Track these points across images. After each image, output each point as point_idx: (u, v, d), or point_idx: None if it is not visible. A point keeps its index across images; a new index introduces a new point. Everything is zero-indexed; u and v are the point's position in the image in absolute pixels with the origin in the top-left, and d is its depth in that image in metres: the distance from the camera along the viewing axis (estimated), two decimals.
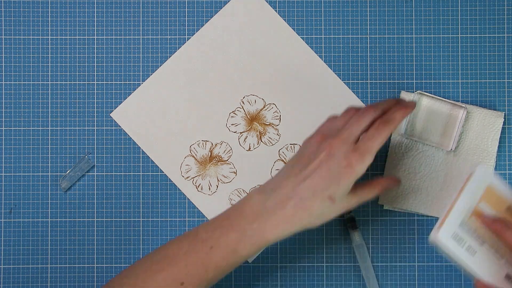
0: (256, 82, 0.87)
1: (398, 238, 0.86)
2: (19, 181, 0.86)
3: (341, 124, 0.73)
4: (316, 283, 0.86)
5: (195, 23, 0.88)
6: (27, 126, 0.87)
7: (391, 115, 0.72)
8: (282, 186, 0.71)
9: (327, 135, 0.72)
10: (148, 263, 0.73)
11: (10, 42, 0.87)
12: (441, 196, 0.85)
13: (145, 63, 0.87)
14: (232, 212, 0.72)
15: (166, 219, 0.86)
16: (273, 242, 0.70)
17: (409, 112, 0.73)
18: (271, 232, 0.70)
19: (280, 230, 0.70)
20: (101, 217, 0.86)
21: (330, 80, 0.87)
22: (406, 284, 0.86)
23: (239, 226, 0.70)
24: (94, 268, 0.86)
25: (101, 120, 0.87)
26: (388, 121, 0.71)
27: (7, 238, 0.86)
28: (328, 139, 0.71)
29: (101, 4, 0.88)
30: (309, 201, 0.69)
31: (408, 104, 0.74)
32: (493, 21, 0.87)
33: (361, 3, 0.87)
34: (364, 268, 0.85)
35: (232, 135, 0.87)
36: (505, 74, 0.87)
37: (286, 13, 0.88)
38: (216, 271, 0.71)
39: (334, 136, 0.71)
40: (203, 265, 0.70)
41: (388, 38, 0.87)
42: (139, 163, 0.87)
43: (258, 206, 0.71)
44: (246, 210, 0.71)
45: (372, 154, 0.70)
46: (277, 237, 0.70)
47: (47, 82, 0.87)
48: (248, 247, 0.70)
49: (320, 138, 0.72)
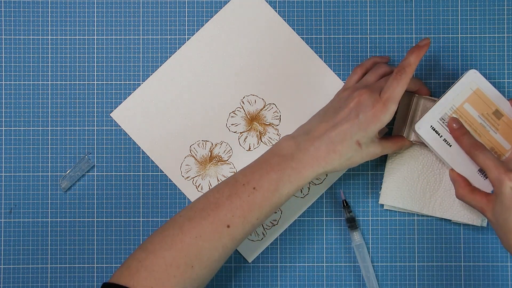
0: (256, 82, 0.87)
1: (398, 238, 0.86)
2: (19, 181, 0.86)
3: (371, 80, 0.80)
4: (316, 283, 0.86)
5: (195, 23, 0.88)
6: (27, 126, 0.87)
7: (406, 61, 0.76)
8: (315, 130, 0.77)
9: (357, 87, 0.79)
10: (190, 212, 0.74)
11: (10, 42, 0.87)
12: (441, 196, 0.85)
13: (145, 63, 0.87)
14: (269, 155, 0.77)
15: (166, 219, 0.86)
16: (309, 180, 0.75)
17: (423, 52, 0.77)
18: (307, 170, 0.75)
19: (315, 168, 0.75)
20: (101, 217, 0.86)
21: (330, 80, 0.87)
22: (406, 284, 0.86)
23: (278, 166, 0.75)
24: (94, 268, 0.86)
25: (101, 120, 0.87)
26: (404, 67, 0.76)
27: (7, 238, 0.86)
28: (358, 90, 0.77)
29: (101, 4, 0.88)
30: (340, 144, 0.75)
31: (421, 43, 0.77)
32: (493, 21, 0.87)
33: (361, 3, 0.87)
34: (364, 268, 0.85)
35: (232, 135, 0.87)
36: (505, 74, 0.87)
37: (286, 13, 0.88)
38: (259, 212, 0.74)
39: (363, 87, 0.78)
40: (247, 206, 0.73)
41: (388, 38, 0.87)
42: (139, 163, 0.87)
43: (293, 148, 0.76)
44: (282, 152, 0.76)
45: (395, 102, 0.75)
46: (313, 175, 0.75)
47: (47, 82, 0.87)
48: (288, 185, 0.74)
49: (351, 89, 0.79)
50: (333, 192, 0.87)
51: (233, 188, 0.74)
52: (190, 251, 0.72)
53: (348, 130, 0.75)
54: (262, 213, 0.74)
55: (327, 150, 0.75)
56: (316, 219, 0.86)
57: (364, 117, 0.75)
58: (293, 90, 0.87)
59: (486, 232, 0.86)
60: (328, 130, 0.76)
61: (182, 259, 0.72)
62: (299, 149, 0.76)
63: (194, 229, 0.73)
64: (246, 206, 0.74)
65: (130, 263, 0.72)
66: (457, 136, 0.79)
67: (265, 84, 0.87)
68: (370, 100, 0.75)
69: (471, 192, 0.78)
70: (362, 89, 0.77)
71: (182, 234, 0.72)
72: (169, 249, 0.72)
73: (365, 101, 0.75)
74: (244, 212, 0.73)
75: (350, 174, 0.87)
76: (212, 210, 0.73)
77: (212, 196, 0.75)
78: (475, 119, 0.79)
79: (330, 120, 0.77)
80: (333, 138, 0.75)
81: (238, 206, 0.73)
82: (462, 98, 0.80)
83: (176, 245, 0.72)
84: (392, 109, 0.75)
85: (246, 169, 0.76)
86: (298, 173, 0.75)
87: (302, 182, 0.75)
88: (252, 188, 0.74)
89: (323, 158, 0.75)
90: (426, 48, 0.77)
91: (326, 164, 0.75)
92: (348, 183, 0.87)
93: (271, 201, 0.74)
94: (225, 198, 0.74)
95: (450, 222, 0.86)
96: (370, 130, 0.75)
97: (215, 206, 0.74)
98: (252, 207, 0.74)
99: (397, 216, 0.86)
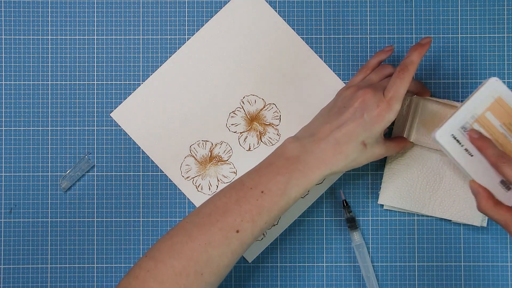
0: (256, 82, 0.87)
1: (398, 238, 0.86)
2: (19, 181, 0.86)
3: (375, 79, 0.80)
4: (316, 283, 0.86)
5: (195, 23, 0.88)
6: (27, 126, 0.87)
7: (408, 59, 0.76)
8: (320, 131, 0.76)
9: (361, 86, 0.78)
10: (198, 218, 0.73)
11: (10, 42, 0.87)
12: (441, 196, 0.85)
13: (145, 63, 0.87)
14: (274, 158, 0.76)
15: (166, 219, 0.86)
16: (316, 182, 0.74)
17: (425, 50, 0.76)
18: (314, 173, 0.74)
19: (322, 170, 0.74)
20: (101, 217, 0.86)
21: (330, 80, 0.87)
22: (406, 284, 0.86)
23: (285, 169, 0.74)
24: (94, 268, 0.86)
25: (101, 120, 0.87)
26: (407, 65, 0.75)
27: (7, 238, 0.86)
28: (361, 89, 0.77)
29: (101, 4, 0.88)
30: (345, 145, 0.75)
31: (422, 42, 0.77)
32: (493, 21, 0.87)
33: (361, 3, 0.87)
34: (364, 268, 0.85)
35: (232, 135, 0.87)
36: (505, 74, 0.87)
37: (286, 13, 0.88)
38: (268, 216, 0.73)
39: (367, 86, 0.77)
40: (256, 210, 0.73)
41: (388, 38, 0.87)
42: (139, 163, 0.87)
43: (299, 150, 0.75)
44: (288, 154, 0.75)
45: (399, 100, 0.75)
46: (319, 177, 0.74)
47: (47, 82, 0.87)
48: (295, 188, 0.74)
49: (354, 88, 0.78)
50: (333, 192, 0.87)
51: (241, 192, 0.74)
52: (200, 259, 0.71)
53: (354, 131, 0.75)
54: (271, 216, 0.73)
55: (333, 151, 0.75)
56: (316, 219, 0.86)
57: (369, 117, 0.75)
58: (293, 90, 0.87)
59: (486, 232, 0.86)
60: (334, 131, 0.75)
61: (192, 268, 0.70)
62: (305, 151, 0.75)
63: (203, 235, 0.71)
64: (255, 210, 0.73)
65: (138, 273, 0.71)
66: (482, 147, 0.75)
67: (265, 84, 0.87)
68: (375, 99, 0.75)
69: (494, 205, 0.73)
70: (366, 88, 0.76)
71: (191, 241, 0.71)
72: (178, 257, 0.71)
73: (369, 100, 0.75)
74: (253, 216, 0.72)
75: (350, 174, 0.87)
76: (221, 215, 0.72)
77: (219, 200, 0.74)
78: (497, 129, 0.76)
79: (334, 121, 0.76)
80: (339, 139, 0.75)
81: (247, 210, 0.72)
82: (484, 106, 0.76)
83: (185, 253, 0.71)
84: (396, 108, 0.75)
85: (252, 172, 0.76)
86: (305, 176, 0.74)
87: (309, 185, 0.74)
88: (260, 192, 0.73)
89: (330, 160, 0.74)
90: (427, 46, 0.77)
91: (332, 165, 0.75)
92: (348, 183, 0.87)
93: (279, 205, 0.73)
94: (233, 203, 0.73)
95: (450, 222, 0.86)
96: (375, 130, 0.75)
97: (223, 211, 0.73)
98: (261, 211, 0.73)
99: (397, 216, 0.86)
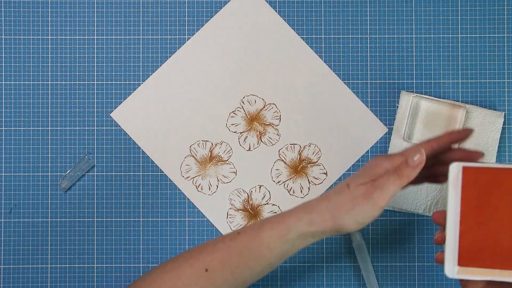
0: (256, 82, 0.87)
1: (398, 238, 0.86)
2: (19, 181, 0.86)
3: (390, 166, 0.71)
4: (316, 283, 0.86)
5: (195, 23, 0.88)
6: (27, 126, 0.87)
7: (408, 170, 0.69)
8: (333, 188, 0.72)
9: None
10: (185, 253, 0.74)
11: (10, 42, 0.87)
12: (441, 196, 0.85)
13: (145, 63, 0.87)
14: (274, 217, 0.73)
15: (166, 219, 0.86)
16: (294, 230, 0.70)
17: (419, 168, 0.69)
18: (290, 218, 0.70)
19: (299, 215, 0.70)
20: (101, 217, 0.86)
21: (330, 80, 0.87)
22: (406, 284, 0.86)
23: (269, 219, 0.72)
24: (94, 268, 0.86)
25: (101, 120, 0.87)
26: (399, 175, 0.69)
27: (7, 238, 0.86)
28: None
29: (101, 4, 0.88)
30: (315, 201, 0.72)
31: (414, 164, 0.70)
32: (493, 21, 0.87)
33: (361, 3, 0.87)
34: (364, 268, 0.85)
35: (232, 135, 0.87)
36: (505, 74, 0.87)
37: (286, 13, 0.88)
38: (238, 258, 0.71)
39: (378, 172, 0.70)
40: (227, 250, 0.72)
41: (388, 38, 0.87)
42: (139, 163, 0.87)
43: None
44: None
45: (389, 196, 0.68)
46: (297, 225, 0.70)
47: (47, 82, 0.87)
48: (268, 232, 0.70)
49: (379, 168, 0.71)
50: None
51: (227, 234, 0.73)
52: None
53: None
54: (242, 261, 0.71)
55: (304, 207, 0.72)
56: None
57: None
58: (293, 90, 0.87)
59: None
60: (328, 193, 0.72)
61: None
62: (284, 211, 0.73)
63: (175, 270, 0.73)
64: (226, 250, 0.72)
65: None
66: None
67: (265, 84, 0.87)
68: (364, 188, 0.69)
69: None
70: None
71: (163, 274, 0.73)
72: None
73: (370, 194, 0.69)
74: (223, 255, 0.72)
75: (350, 175, 0.87)
76: (196, 252, 0.73)
77: (209, 241, 0.74)
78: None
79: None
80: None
81: (219, 249, 0.72)
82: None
83: (157, 285, 0.73)
84: (386, 201, 0.69)
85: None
86: (279, 221, 0.71)
87: (284, 231, 0.70)
88: (237, 233, 0.73)
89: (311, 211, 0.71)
90: (421, 166, 0.69)
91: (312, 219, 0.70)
92: None
93: (250, 247, 0.71)
94: (212, 242, 0.73)
95: None
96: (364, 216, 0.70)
97: (200, 249, 0.73)
98: (232, 252, 0.71)
99: (397, 216, 0.86)
